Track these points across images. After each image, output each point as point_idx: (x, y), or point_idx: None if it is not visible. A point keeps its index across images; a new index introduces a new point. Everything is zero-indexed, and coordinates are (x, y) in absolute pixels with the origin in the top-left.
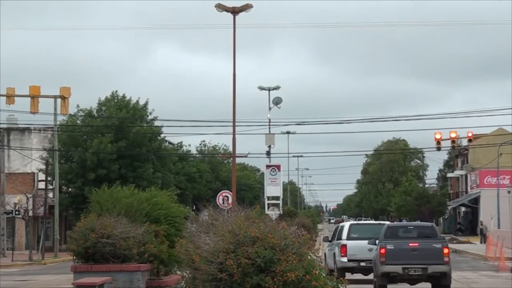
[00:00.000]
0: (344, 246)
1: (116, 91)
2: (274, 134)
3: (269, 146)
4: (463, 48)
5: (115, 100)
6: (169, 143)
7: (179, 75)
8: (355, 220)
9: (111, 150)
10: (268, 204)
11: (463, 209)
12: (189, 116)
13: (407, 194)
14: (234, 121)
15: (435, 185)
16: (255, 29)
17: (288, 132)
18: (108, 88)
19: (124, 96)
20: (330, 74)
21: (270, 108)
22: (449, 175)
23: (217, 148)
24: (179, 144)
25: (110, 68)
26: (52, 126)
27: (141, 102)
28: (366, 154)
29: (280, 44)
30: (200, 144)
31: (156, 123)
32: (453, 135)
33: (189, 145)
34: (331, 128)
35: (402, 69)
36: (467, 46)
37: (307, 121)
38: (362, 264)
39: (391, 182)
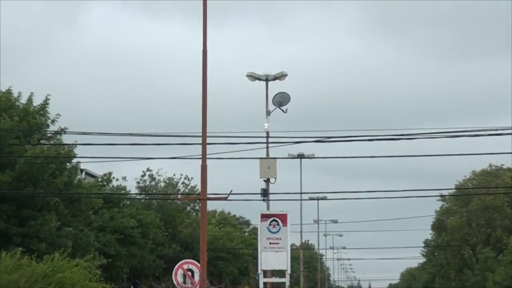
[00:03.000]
0: None
1: (10, 88)
2: (275, 158)
3: (267, 181)
4: None
5: None
6: (88, 175)
7: (123, 56)
8: None
9: None
10: (266, 284)
11: None
12: (129, 127)
13: None
14: (204, 136)
15: None
16: None
17: (301, 156)
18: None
19: (8, 91)
20: (385, 57)
21: (268, 113)
22: None
23: (173, 182)
24: (105, 178)
25: (7, 43)
26: None
27: (38, 101)
28: (441, 195)
29: (298, 8)
30: (144, 176)
31: (66, 139)
32: None
33: (124, 178)
34: (379, 148)
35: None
36: None
37: (335, 136)
38: None
39: (489, 246)
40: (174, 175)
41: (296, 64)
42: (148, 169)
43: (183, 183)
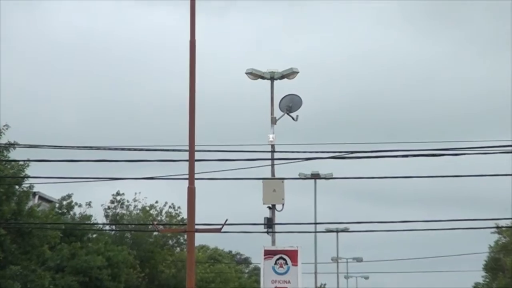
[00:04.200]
0: None
1: None
2: (283, 179)
3: (272, 208)
4: None
5: None
6: (43, 199)
7: (98, 48)
8: None
9: None
10: None
11: None
12: (98, 138)
13: None
14: (191, 150)
15: None
16: None
17: (316, 176)
18: None
19: None
20: (427, 52)
21: (274, 121)
22: None
23: (155, 210)
24: (65, 203)
25: None
26: None
27: None
28: (497, 227)
29: None
30: (114, 202)
31: (16, 155)
32: None
33: (89, 204)
34: (417, 166)
35: None
36: None
37: (359, 151)
38: None
39: None
40: (156, 202)
41: (311, 60)
42: (118, 193)
43: (167, 212)
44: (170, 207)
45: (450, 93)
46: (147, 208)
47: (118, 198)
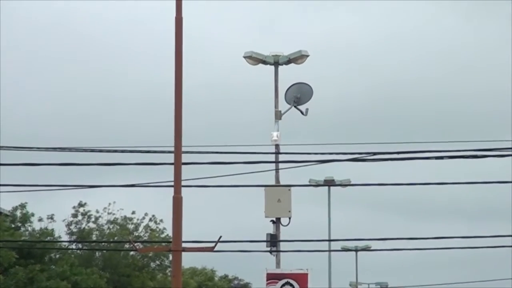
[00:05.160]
0: None
1: None
2: (289, 186)
3: (277, 222)
4: None
5: None
6: None
7: (77, 30)
8: None
9: None
10: None
11: None
12: (66, 137)
13: None
14: (178, 151)
15: None
16: None
17: (329, 183)
18: None
19: None
20: (475, 36)
21: (279, 116)
22: None
23: (131, 224)
24: (20, 216)
25: None
26: None
27: None
28: None
29: None
30: (77, 216)
31: None
32: None
33: (51, 217)
34: (455, 170)
35: None
36: None
37: (383, 152)
38: None
39: None
40: (133, 213)
41: (325, 42)
42: (80, 204)
43: (146, 226)
44: (150, 219)
45: (495, 84)
46: (122, 222)
47: (82, 210)
